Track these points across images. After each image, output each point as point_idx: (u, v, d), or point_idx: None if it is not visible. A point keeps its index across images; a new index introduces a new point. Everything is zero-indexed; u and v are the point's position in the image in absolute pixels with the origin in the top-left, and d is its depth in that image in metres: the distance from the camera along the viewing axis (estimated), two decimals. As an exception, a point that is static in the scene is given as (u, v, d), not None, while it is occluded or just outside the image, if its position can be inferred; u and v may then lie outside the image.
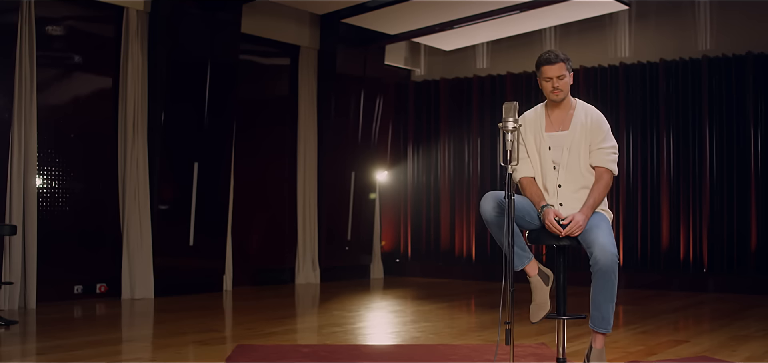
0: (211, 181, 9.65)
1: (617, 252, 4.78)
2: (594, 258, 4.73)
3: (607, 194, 5.08)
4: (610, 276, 4.75)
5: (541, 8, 10.18)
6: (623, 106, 10.86)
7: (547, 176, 5.07)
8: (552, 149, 5.05)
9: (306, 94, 11.09)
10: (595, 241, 4.74)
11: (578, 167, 5.02)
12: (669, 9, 10.85)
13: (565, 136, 5.03)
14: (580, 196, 4.99)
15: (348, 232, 11.48)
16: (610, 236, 4.80)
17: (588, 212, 4.89)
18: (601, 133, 5.03)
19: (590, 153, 5.02)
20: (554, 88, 4.99)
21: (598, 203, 4.95)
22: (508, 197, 4.51)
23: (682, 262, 10.56)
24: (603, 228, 4.82)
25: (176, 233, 9.42)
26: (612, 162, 5.03)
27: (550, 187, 5.06)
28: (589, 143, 5.02)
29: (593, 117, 5.06)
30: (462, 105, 12.22)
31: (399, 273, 12.42)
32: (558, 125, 5.07)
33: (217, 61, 9.56)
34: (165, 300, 8.99)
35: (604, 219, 4.94)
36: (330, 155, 11.24)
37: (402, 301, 9.44)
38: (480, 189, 11.89)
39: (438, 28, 10.98)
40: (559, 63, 4.99)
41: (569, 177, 5.02)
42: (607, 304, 4.83)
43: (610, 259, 4.71)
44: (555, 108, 5.09)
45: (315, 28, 11.11)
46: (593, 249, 4.74)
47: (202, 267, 9.69)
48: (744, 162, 10.25)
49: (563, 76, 5.00)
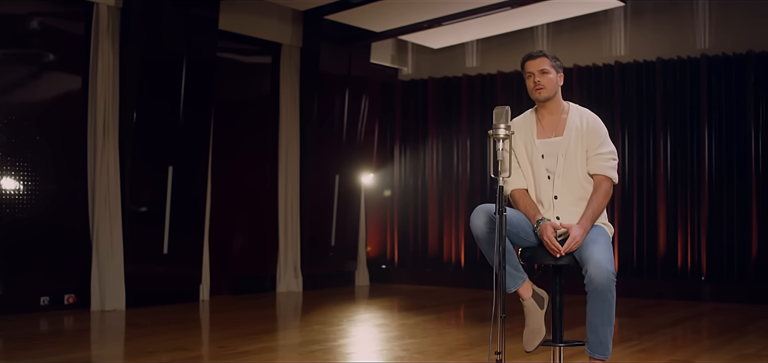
0: (187, 184, 9.19)
1: (614, 269, 4.34)
2: (588, 276, 4.29)
3: (607, 205, 4.65)
4: (606, 296, 4.30)
5: (533, 4, 9.76)
6: (618, 107, 10.45)
7: (542, 187, 4.62)
8: (545, 157, 4.61)
9: (288, 93, 10.64)
10: (590, 258, 4.30)
11: (575, 176, 4.58)
12: (666, 6, 10.44)
13: (560, 143, 4.59)
14: (579, 208, 4.55)
15: (332, 237, 11.02)
16: (608, 252, 4.36)
17: (587, 224, 4.46)
18: (599, 138, 4.59)
19: (587, 160, 4.58)
20: (536, 83, 4.57)
21: (597, 215, 4.52)
22: (499, 212, 4.08)
23: (679, 270, 10.16)
24: (600, 243, 4.38)
25: (149, 240, 8.94)
26: (611, 169, 4.59)
27: (545, 199, 4.61)
28: (586, 149, 4.58)
29: (589, 120, 4.62)
30: (451, 105, 11.79)
31: (385, 280, 11.97)
32: (551, 131, 4.63)
33: (194, 60, 9.10)
34: (137, 312, 8.52)
35: (602, 233, 4.51)
36: (313, 157, 10.78)
37: (387, 313, 8.99)
38: (469, 192, 11.47)
39: (426, 25, 10.55)
40: (542, 57, 4.58)
41: (566, 187, 4.58)
42: (605, 327, 4.38)
43: (606, 277, 4.26)
44: (546, 112, 4.66)
45: (297, 25, 10.66)
46: (587, 266, 4.30)
47: (177, 276, 9.22)
48: (744, 165, 9.85)
49: (547, 72, 4.57)
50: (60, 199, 8.58)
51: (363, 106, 11.28)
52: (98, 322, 8.02)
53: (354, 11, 10.16)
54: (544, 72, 4.58)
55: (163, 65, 8.92)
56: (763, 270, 9.73)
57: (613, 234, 4.64)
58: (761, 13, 9.91)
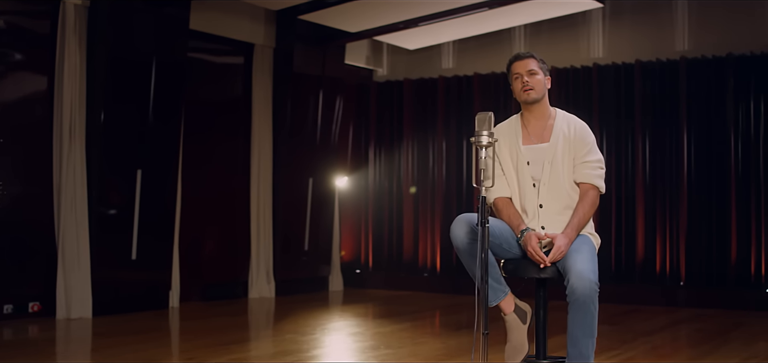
0: (156, 188, 8.93)
1: (598, 280, 4.16)
2: (570, 286, 4.11)
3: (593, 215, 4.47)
4: (588, 307, 4.13)
5: (511, 5, 9.59)
6: (597, 109, 10.29)
7: (526, 196, 4.44)
8: (531, 164, 4.43)
9: (260, 95, 10.40)
10: (572, 267, 4.12)
11: (561, 184, 4.40)
12: (645, 8, 10.30)
13: (546, 149, 4.41)
14: (564, 218, 4.37)
15: (305, 241, 10.79)
16: (592, 262, 4.18)
17: (572, 234, 4.28)
18: (586, 146, 4.41)
19: (574, 168, 4.40)
20: (525, 85, 4.39)
21: (583, 224, 4.34)
22: (481, 224, 3.88)
23: (658, 275, 10.02)
24: (584, 252, 4.20)
25: (117, 246, 8.67)
26: (599, 178, 4.41)
27: (530, 208, 4.43)
28: (573, 157, 4.40)
29: (576, 127, 4.44)
30: (427, 107, 11.59)
31: (359, 285, 11.75)
32: (537, 137, 4.45)
33: (163, 60, 8.85)
34: (104, 320, 8.25)
35: (587, 242, 4.33)
36: (286, 160, 10.55)
37: (362, 320, 8.79)
38: (445, 195, 11.28)
39: (401, 25, 10.34)
40: (530, 58, 4.42)
41: (551, 196, 4.39)
42: (586, 339, 4.21)
43: (587, 287, 4.08)
44: (532, 117, 4.47)
45: (270, 25, 10.42)
46: (569, 275, 4.12)
47: (145, 282, 8.96)
48: (723, 169, 9.73)
49: (535, 73, 4.40)
50: (24, 203, 8.30)
51: (337, 108, 11.07)
52: (64, 331, 7.76)
53: (328, 11, 9.94)
54: (532, 73, 4.41)
55: (132, 66, 8.66)
56: (742, 275, 9.61)
57: (599, 244, 4.46)
58: (741, 15, 9.79)
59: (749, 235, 9.59)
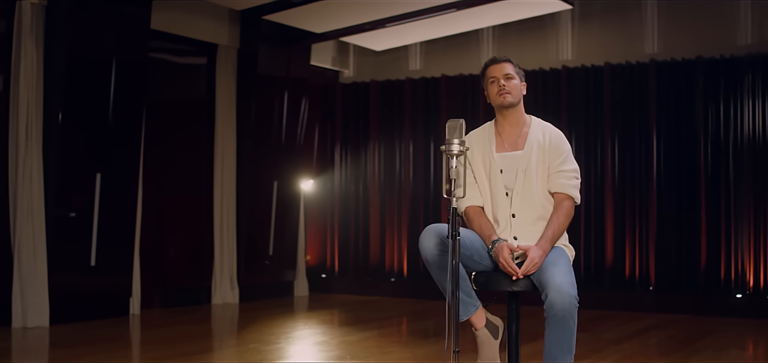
0: (116, 192, 8.68)
1: (577, 294, 4.00)
2: (548, 301, 3.95)
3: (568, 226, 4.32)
4: (567, 323, 3.96)
5: (479, 7, 9.45)
6: (565, 112, 10.17)
7: (498, 205, 4.28)
8: (504, 172, 4.26)
9: (224, 96, 10.19)
10: (550, 281, 3.96)
11: (535, 193, 4.24)
12: (615, 9, 10.19)
13: (520, 157, 4.25)
14: (538, 229, 4.21)
15: (270, 246, 10.58)
16: (570, 275, 4.02)
17: (546, 246, 4.12)
18: (561, 155, 4.26)
19: (548, 177, 4.25)
20: (501, 88, 4.24)
21: (557, 236, 4.18)
22: (452, 236, 3.71)
23: (627, 280, 9.92)
24: (561, 265, 4.05)
25: (76, 252, 8.41)
26: (574, 188, 4.26)
27: (502, 218, 4.26)
28: (548, 166, 4.24)
29: (552, 135, 4.28)
30: (393, 109, 11.42)
31: (325, 289, 11.55)
32: (511, 145, 4.29)
33: (124, 60, 8.61)
34: (62, 328, 7.99)
35: (563, 254, 4.17)
36: (250, 163, 10.33)
37: (328, 327, 8.61)
38: (412, 198, 11.12)
39: (368, 26, 10.17)
40: (506, 62, 4.27)
41: (524, 205, 4.23)
42: (565, 356, 4.04)
43: (567, 302, 3.92)
44: (506, 124, 4.31)
45: (234, 25, 10.21)
46: (547, 290, 3.95)
47: (105, 289, 8.71)
48: (693, 173, 9.65)
49: (512, 77, 4.25)
50: (-22, 208, 8.05)
51: (302, 110, 10.87)
52: (20, 341, 7.50)
53: (293, 11, 9.75)
54: (508, 77, 4.25)
55: (91, 66, 8.42)
56: (712, 281, 9.53)
57: (573, 256, 4.31)
58: (711, 18, 9.72)
59: (719, 240, 9.51)
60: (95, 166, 8.46)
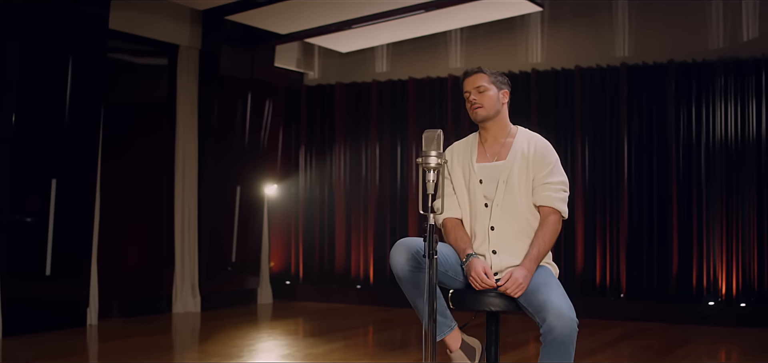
0: (73, 197, 8.36)
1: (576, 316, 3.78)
2: (547, 325, 3.70)
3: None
4: (567, 348, 3.74)
5: (447, 8, 9.24)
6: (535, 116, 9.97)
7: (477, 216, 4.03)
8: (484, 183, 4.02)
9: (185, 98, 9.89)
10: (548, 304, 3.73)
11: (517, 207, 3.99)
12: (585, 11, 10.02)
13: (501, 168, 4.00)
14: (519, 245, 3.96)
15: (233, 252, 10.29)
16: (566, 297, 3.80)
17: (531, 266, 3.88)
18: (548, 166, 4.02)
19: (533, 189, 4.01)
20: (473, 103, 4.02)
21: (543, 255, 3.95)
22: (429, 255, 3.47)
23: (598, 287, 9.74)
24: (554, 286, 3.82)
25: (30, 261, 8.07)
26: (561, 201, 4.02)
27: (480, 230, 4.02)
28: (533, 177, 4.01)
29: (537, 145, 4.04)
30: (359, 112, 11.17)
31: (289, 297, 11.27)
32: (493, 155, 4.05)
33: (81, 60, 8.28)
34: (15, 341, 7.64)
35: (551, 275, 3.95)
36: (212, 167, 10.04)
37: (292, 338, 8.34)
38: (378, 203, 10.88)
39: (333, 27, 9.91)
40: (478, 73, 4.02)
41: (505, 218, 3.99)
42: (563, 383, 3.82)
43: (569, 327, 3.70)
44: (489, 136, 4.07)
45: (196, 25, 9.91)
46: (546, 314, 3.71)
47: (61, 299, 8.37)
48: (665, 178, 9.50)
49: (484, 89, 4.00)
50: (-73, 215, 7.70)
51: (266, 113, 10.59)
52: (-31, 355, 7.19)
53: (257, 12, 9.47)
54: (481, 90, 4.01)
55: (47, 65, 8.08)
56: (684, 288, 9.39)
57: (557, 275, 4.09)
58: (683, 22, 9.57)
59: (690, 246, 9.37)
60: (51, 171, 8.14)
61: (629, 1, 9.78)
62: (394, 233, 10.74)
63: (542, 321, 3.75)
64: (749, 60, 9.19)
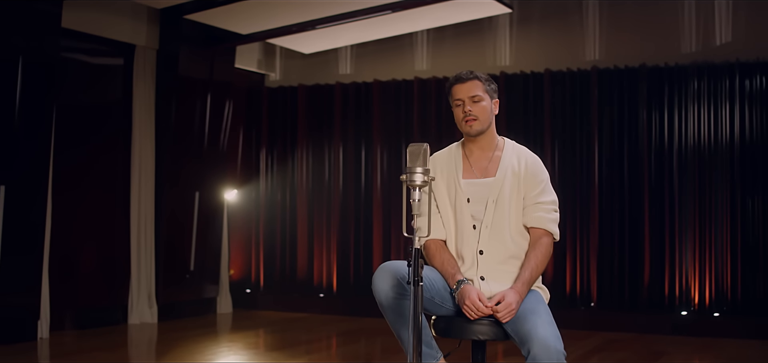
0: (23, 204, 7.96)
1: (563, 347, 3.48)
2: (532, 356, 3.39)
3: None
4: None
5: (414, 9, 8.97)
6: (504, 121, 9.71)
7: (464, 239, 3.73)
8: (471, 202, 3.72)
9: (142, 100, 9.51)
10: (533, 334, 3.42)
11: (506, 228, 3.70)
12: (555, 13, 9.78)
13: (490, 185, 3.71)
14: (509, 268, 3.68)
15: (191, 260, 9.92)
16: (553, 325, 3.49)
17: (523, 289, 3.59)
18: (539, 184, 3.74)
19: (523, 209, 3.72)
20: (467, 114, 3.70)
21: (535, 278, 3.66)
22: (414, 282, 3.17)
23: (568, 297, 9.50)
24: (542, 314, 3.52)
25: (-23, 272, 7.68)
26: (553, 222, 3.74)
27: (468, 254, 3.72)
28: (523, 196, 3.72)
29: (528, 161, 3.76)
30: (322, 114, 10.85)
31: (250, 306, 10.92)
32: (480, 171, 3.75)
33: (31, 60, 7.89)
34: (-41, 357, 7.28)
35: (541, 300, 3.66)
36: (170, 171, 9.67)
37: (253, 351, 8.01)
38: (342, 208, 10.57)
39: (296, 28, 9.60)
40: (473, 80, 3.71)
41: (494, 241, 3.69)
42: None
43: (554, 359, 3.40)
44: (475, 148, 3.77)
45: (153, 25, 9.53)
46: (530, 345, 3.41)
47: (10, 311, 7.95)
48: (636, 184, 9.29)
49: (480, 99, 3.71)
50: None
51: (226, 115, 10.23)
52: None
53: (217, 11, 9.13)
54: (476, 99, 3.70)
55: (-6, 66, 7.70)
56: (656, 298, 9.19)
57: (548, 299, 3.80)
58: (654, 25, 9.38)
59: (663, 253, 9.17)
60: (-1, 176, 7.75)
61: (600, 3, 9.57)
62: (358, 240, 10.45)
63: (527, 352, 3.45)
64: (722, 64, 9.01)
